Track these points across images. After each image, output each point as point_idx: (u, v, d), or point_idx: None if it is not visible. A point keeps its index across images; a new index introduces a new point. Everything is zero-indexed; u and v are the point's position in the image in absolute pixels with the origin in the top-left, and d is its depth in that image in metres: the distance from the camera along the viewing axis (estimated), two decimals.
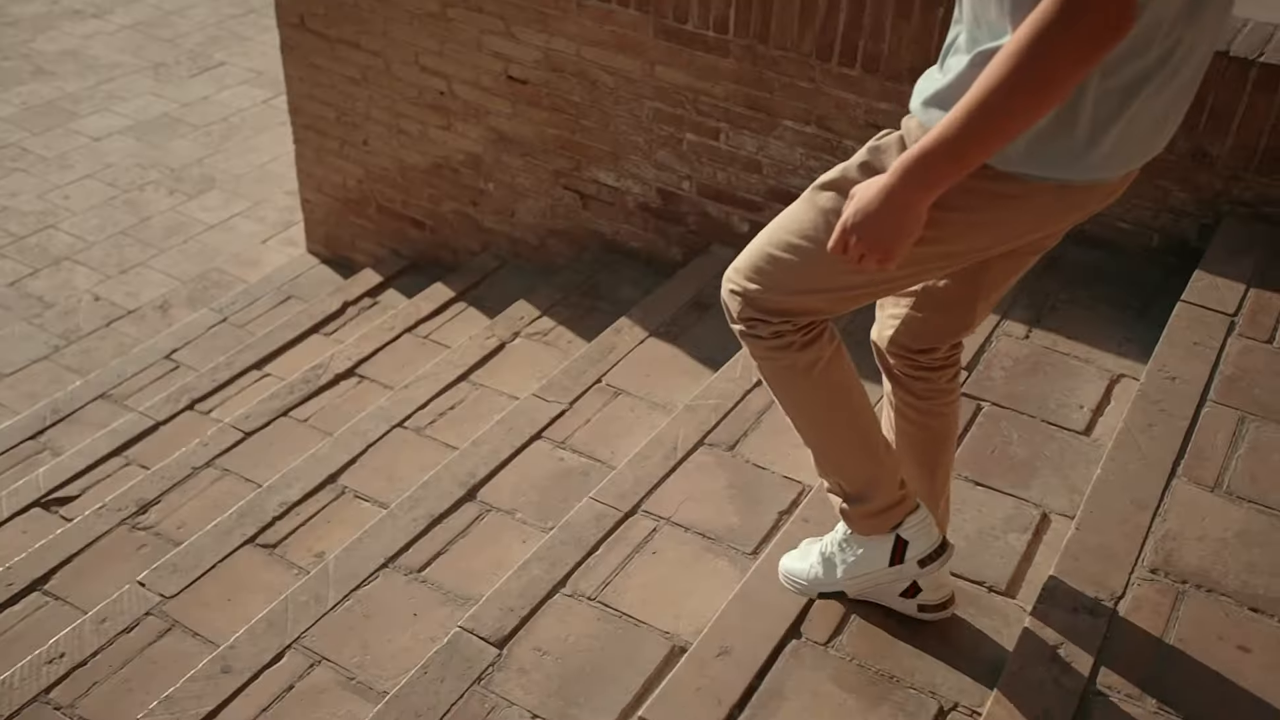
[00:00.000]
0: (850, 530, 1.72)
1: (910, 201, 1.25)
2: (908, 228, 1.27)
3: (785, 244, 1.46)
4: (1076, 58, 1.11)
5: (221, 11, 6.43)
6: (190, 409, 3.38)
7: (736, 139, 3.18)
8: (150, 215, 4.69)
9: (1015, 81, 1.13)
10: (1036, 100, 1.14)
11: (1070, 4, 1.09)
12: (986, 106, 1.15)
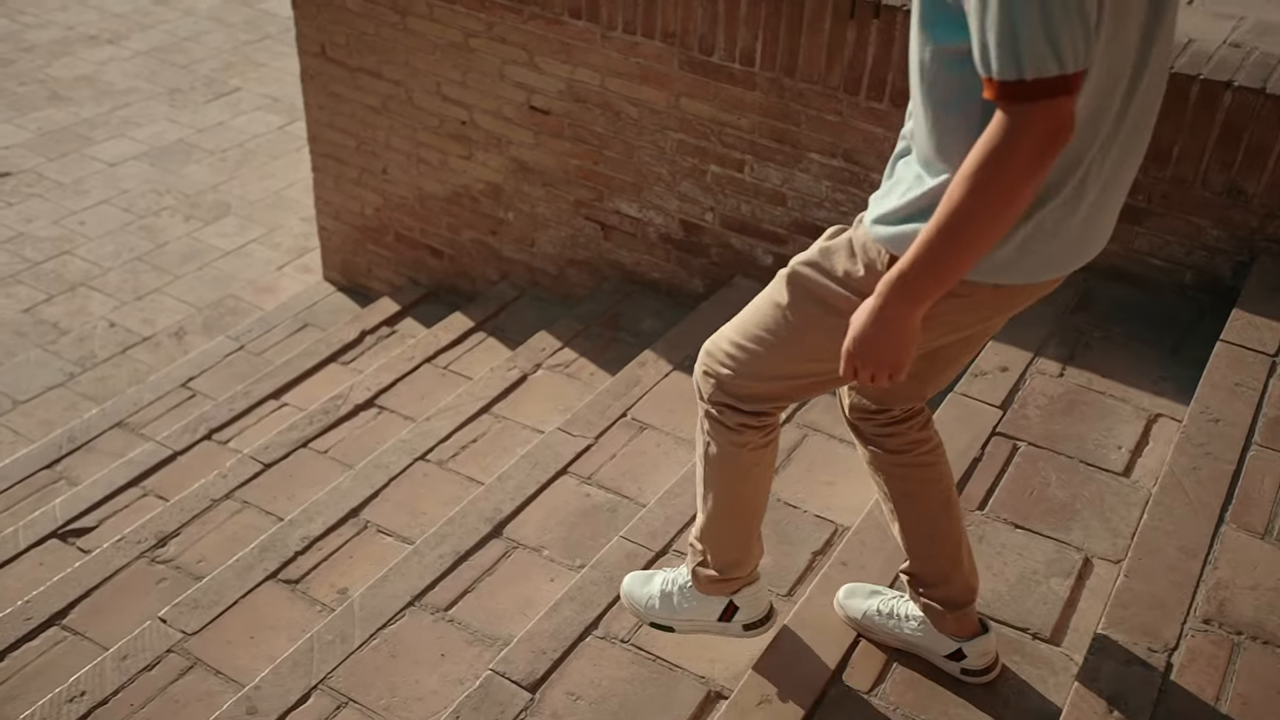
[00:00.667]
0: (692, 583, 1.84)
1: (901, 318, 1.32)
2: (905, 342, 1.34)
3: (752, 335, 1.55)
4: (1025, 172, 1.18)
5: (236, 37, 6.45)
6: (208, 439, 3.36)
7: (761, 171, 3.17)
8: (166, 241, 4.68)
9: (974, 203, 1.20)
10: (996, 217, 1.21)
11: (1013, 124, 1.16)
12: (953, 229, 1.23)
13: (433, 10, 3.48)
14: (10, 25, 6.33)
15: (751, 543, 1.78)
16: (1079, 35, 1.14)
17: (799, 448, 2.51)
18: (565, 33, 3.27)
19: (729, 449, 1.65)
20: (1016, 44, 1.13)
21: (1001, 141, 1.17)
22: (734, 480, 1.69)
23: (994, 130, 1.18)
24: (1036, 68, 1.14)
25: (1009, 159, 1.17)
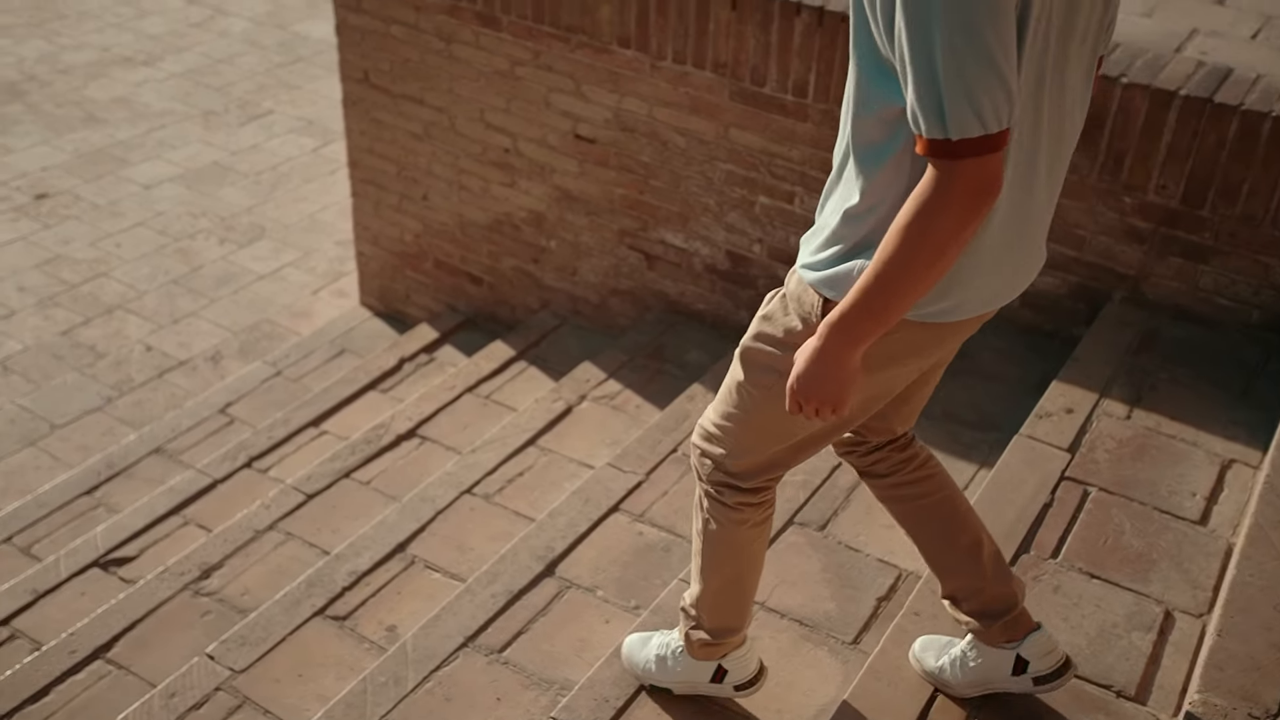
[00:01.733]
0: (684, 648, 1.90)
1: (841, 357, 1.38)
2: (846, 380, 1.40)
3: (729, 415, 1.64)
4: (956, 225, 1.24)
5: (270, 60, 6.47)
6: (248, 467, 3.33)
7: (811, 203, 3.13)
8: (201, 264, 4.67)
9: (908, 253, 1.27)
10: (929, 266, 1.27)
11: (943, 180, 1.22)
12: (889, 277, 1.29)
13: (478, 38, 3.47)
14: (47, 47, 6.36)
15: (745, 610, 1.84)
16: (999, 98, 1.20)
17: (856, 489, 2.46)
18: (613, 62, 3.25)
19: (728, 526, 1.72)
20: (941, 106, 1.19)
21: (932, 196, 1.23)
22: (732, 554, 1.75)
23: (925, 185, 1.24)
24: (960, 128, 1.20)
25: (940, 213, 1.23)
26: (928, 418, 2.67)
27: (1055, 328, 2.93)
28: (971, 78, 1.17)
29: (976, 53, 1.17)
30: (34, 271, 4.53)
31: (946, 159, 1.21)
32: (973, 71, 1.17)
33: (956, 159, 1.21)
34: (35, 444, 3.70)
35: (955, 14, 1.15)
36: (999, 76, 1.18)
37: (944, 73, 1.17)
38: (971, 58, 1.17)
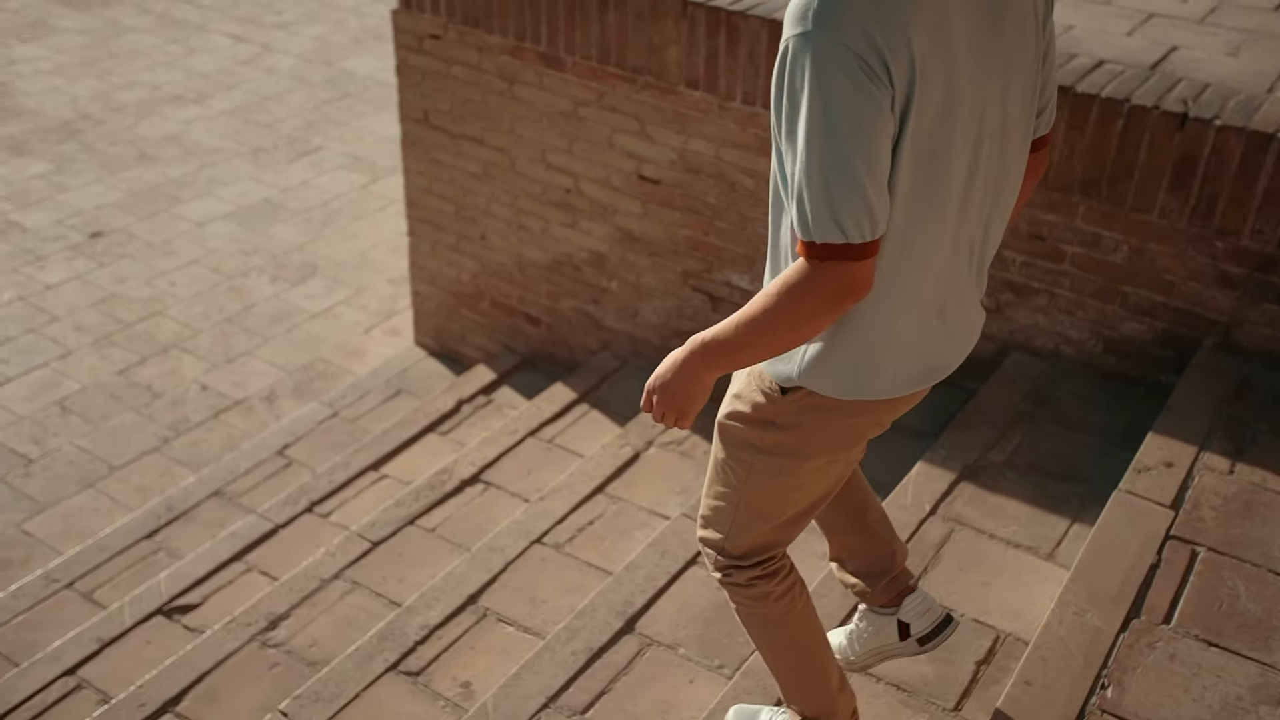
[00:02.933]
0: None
1: (698, 376, 1.47)
2: (695, 395, 1.49)
3: (720, 495, 1.68)
4: (811, 314, 1.34)
5: (317, 96, 6.51)
6: (309, 511, 3.29)
7: None
8: (254, 303, 4.67)
9: (766, 323, 1.37)
10: (784, 336, 1.37)
11: (808, 274, 1.32)
12: (748, 332, 1.39)
13: (542, 79, 3.45)
14: (100, 85, 6.43)
15: (830, 686, 1.81)
16: (861, 214, 1.28)
17: (946, 544, 2.38)
18: (680, 103, 3.21)
19: (754, 606, 1.73)
20: (806, 212, 1.29)
21: (797, 283, 1.33)
22: (776, 632, 1.76)
23: (795, 271, 1.34)
24: (823, 234, 1.29)
25: (799, 301, 1.33)
26: (1013, 469, 2.60)
27: (1140, 374, 2.85)
28: (836, 196, 1.26)
29: (842, 175, 1.25)
30: (90, 310, 4.54)
31: (813, 259, 1.31)
32: (837, 191, 1.26)
33: (821, 260, 1.31)
34: (94, 485, 3.68)
35: (824, 138, 1.24)
36: (860, 194, 1.26)
37: (811, 184, 1.27)
38: (836, 178, 1.25)
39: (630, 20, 3.19)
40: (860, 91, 1.22)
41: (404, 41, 3.70)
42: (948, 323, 1.52)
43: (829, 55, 1.22)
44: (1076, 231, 2.77)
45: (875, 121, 1.24)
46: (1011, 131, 1.42)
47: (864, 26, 1.22)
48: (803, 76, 1.24)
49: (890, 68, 1.23)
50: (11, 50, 6.78)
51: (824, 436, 1.56)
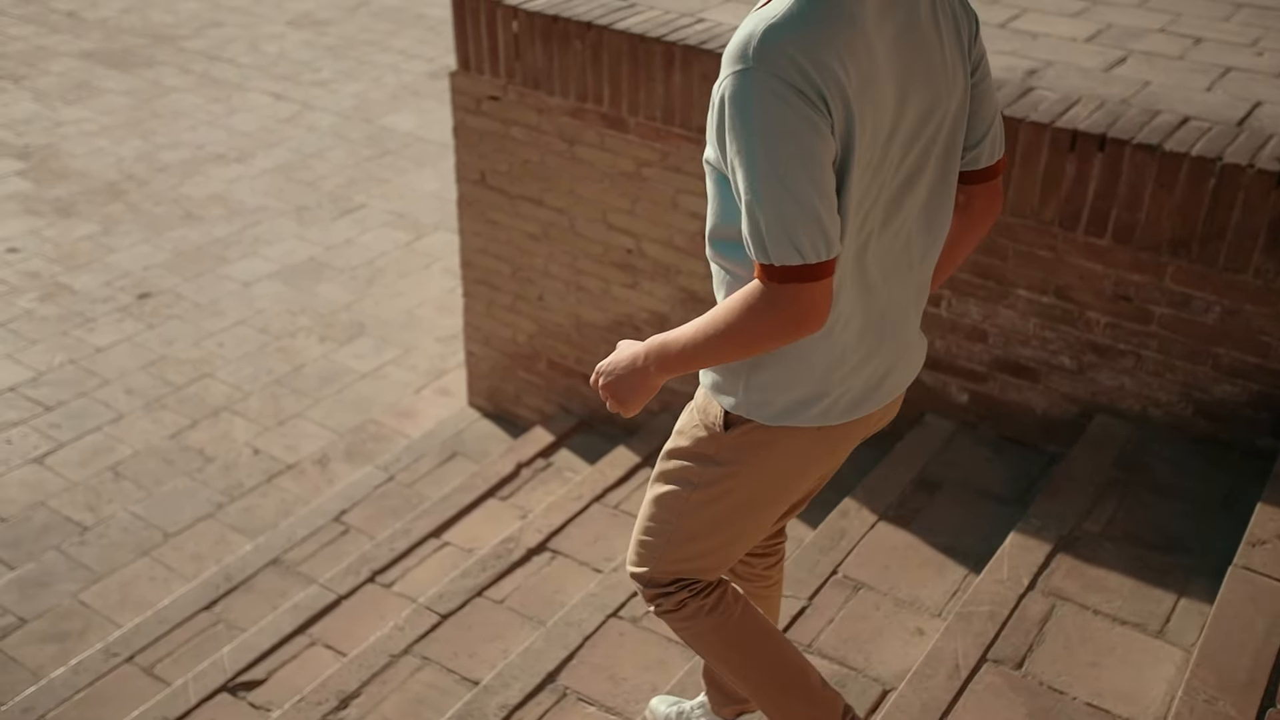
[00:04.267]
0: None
1: (648, 374, 1.55)
2: (642, 391, 1.57)
3: (647, 529, 1.73)
4: (769, 335, 1.39)
5: (358, 153, 6.53)
6: (371, 581, 3.22)
7: (960, 306, 3.01)
8: (303, 363, 4.64)
9: (723, 337, 1.42)
10: (738, 351, 1.42)
11: (767, 297, 1.36)
12: (704, 343, 1.44)
13: (603, 140, 3.43)
14: (144, 145, 6.48)
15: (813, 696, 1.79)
16: (816, 234, 1.33)
17: (1050, 621, 2.29)
18: None
19: (689, 625, 1.77)
20: (762, 237, 1.34)
21: (757, 302, 1.37)
22: (722, 647, 1.78)
23: (755, 291, 1.38)
24: (781, 257, 1.34)
25: (758, 321, 1.37)
26: (1111, 539, 2.51)
27: (1234, 438, 2.77)
28: (789, 219, 1.31)
29: (793, 198, 1.31)
30: (140, 373, 4.51)
31: (773, 282, 1.36)
32: (790, 213, 1.31)
33: (781, 283, 1.35)
34: (149, 554, 3.62)
35: (772, 166, 1.30)
36: (813, 216, 1.31)
37: (764, 213, 1.32)
38: (789, 202, 1.31)
39: (695, 81, 3.16)
40: (801, 119, 1.30)
41: (462, 103, 3.69)
42: (887, 348, 1.58)
43: (768, 89, 1.29)
44: (1165, 292, 2.71)
45: (818, 146, 1.31)
46: (941, 162, 1.48)
47: (798, 62, 1.29)
48: (746, 110, 1.31)
49: (826, 98, 1.31)
50: (58, 112, 6.85)
51: (766, 471, 1.60)
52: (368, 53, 8.05)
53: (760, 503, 1.65)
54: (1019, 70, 3.00)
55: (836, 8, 1.32)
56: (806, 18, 1.31)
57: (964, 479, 2.94)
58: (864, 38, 1.33)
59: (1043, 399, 2.99)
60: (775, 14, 1.32)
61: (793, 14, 1.31)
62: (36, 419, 4.21)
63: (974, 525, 2.76)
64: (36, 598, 3.42)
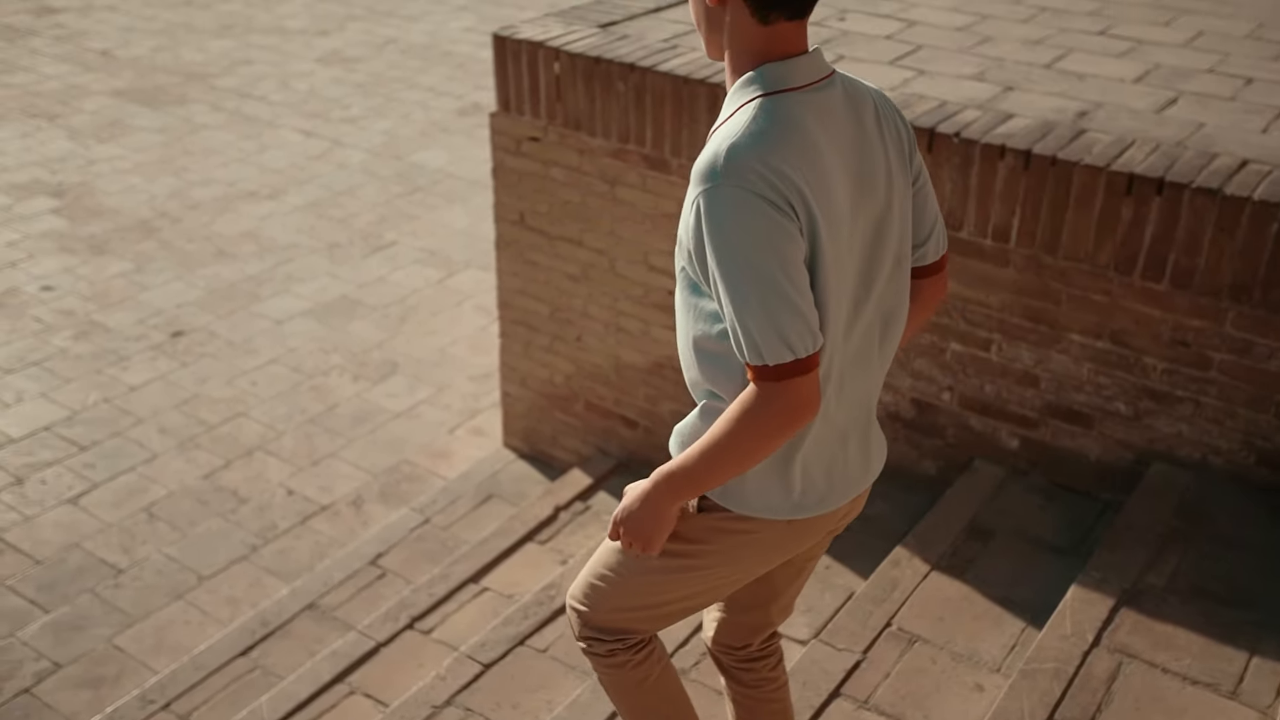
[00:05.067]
0: None
1: (662, 505, 1.59)
2: (662, 525, 1.60)
3: (601, 575, 1.78)
4: (771, 434, 1.44)
5: (388, 190, 6.55)
6: (410, 628, 3.18)
7: (1011, 351, 2.96)
8: (336, 403, 4.61)
9: (727, 448, 1.47)
10: (744, 460, 1.48)
11: (763, 397, 1.42)
12: (710, 459, 1.49)
13: (645, 181, 3.41)
14: (177, 183, 6.51)
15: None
16: (802, 329, 1.40)
17: (1118, 680, 2.22)
18: None
19: (611, 672, 1.84)
20: (754, 340, 1.40)
21: (756, 405, 1.43)
22: (632, 698, 1.88)
23: (749, 397, 1.44)
24: (775, 357, 1.40)
25: (762, 422, 1.43)
26: (1176, 593, 2.44)
27: None
28: (777, 319, 1.39)
29: (777, 299, 1.39)
30: (174, 412, 4.50)
31: (769, 381, 1.42)
32: (777, 314, 1.39)
33: (777, 380, 1.41)
34: (183, 597, 3.59)
35: (754, 272, 1.38)
36: (798, 313, 1.39)
37: (753, 315, 1.39)
38: (773, 304, 1.39)
39: None
40: (773, 225, 1.38)
41: (501, 144, 3.69)
42: (852, 441, 1.64)
43: (739, 201, 1.38)
44: (1225, 338, 2.65)
45: (791, 248, 1.40)
46: (895, 264, 1.57)
47: (762, 173, 1.39)
48: (722, 224, 1.39)
49: (792, 203, 1.40)
50: (91, 150, 6.91)
51: (730, 557, 1.67)
52: (396, 90, 8.10)
53: (717, 582, 1.72)
54: (1069, 112, 2.97)
55: (791, 122, 1.43)
56: (765, 133, 1.41)
57: (1017, 527, 2.87)
58: (816, 148, 1.43)
59: (1097, 445, 2.93)
60: (737, 132, 1.42)
61: (753, 131, 1.41)
62: (71, 459, 4.20)
63: (1029, 575, 2.69)
64: (71, 642, 3.39)
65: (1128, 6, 3.94)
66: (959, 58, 3.40)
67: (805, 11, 1.45)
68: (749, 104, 1.44)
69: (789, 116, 1.43)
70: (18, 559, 3.71)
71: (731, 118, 1.45)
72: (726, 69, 1.51)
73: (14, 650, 3.34)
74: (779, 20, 1.44)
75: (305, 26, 9.50)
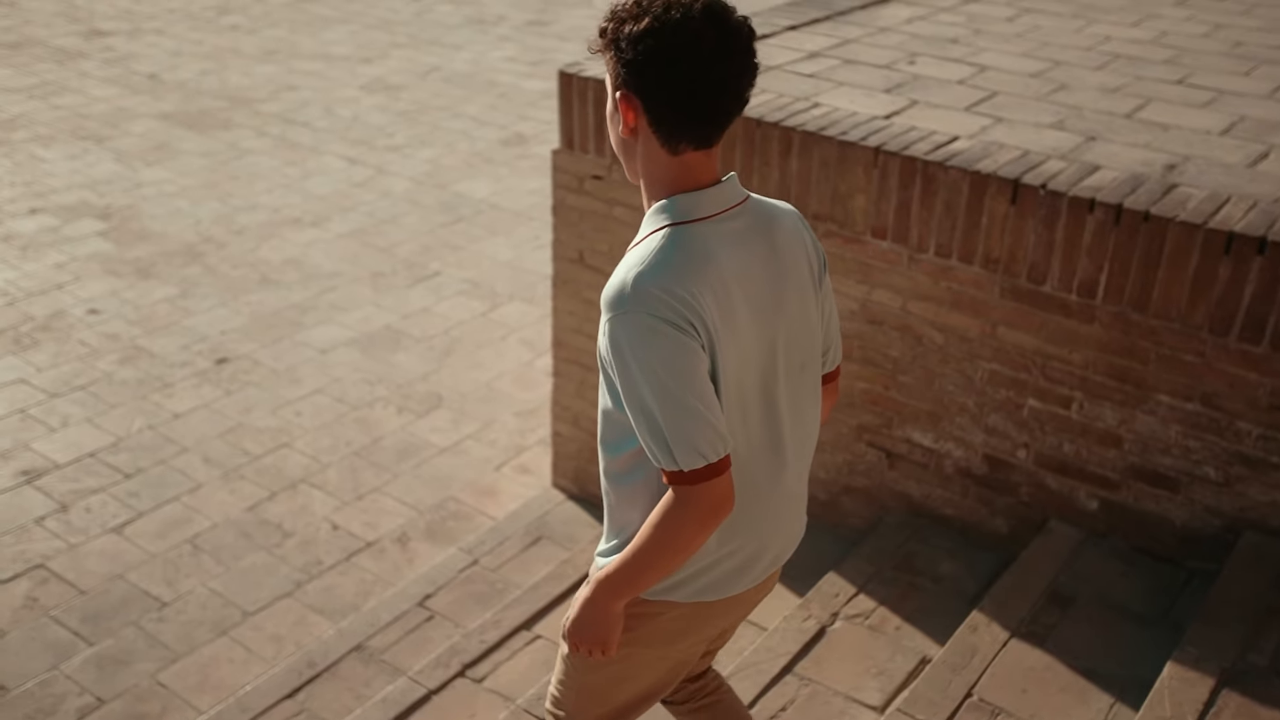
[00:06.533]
0: None
1: (608, 608, 1.70)
2: (610, 626, 1.72)
3: (560, 681, 1.92)
4: (693, 534, 1.57)
5: (432, 220, 6.52)
6: (462, 675, 3.09)
7: (1093, 409, 2.87)
8: (381, 435, 4.55)
9: (654, 549, 1.60)
10: (672, 559, 1.61)
11: (681, 501, 1.54)
12: (640, 560, 1.61)
13: None
14: (222, 208, 6.51)
15: None
16: (710, 436, 1.52)
17: None
18: (864, 252, 3.08)
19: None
20: (669, 449, 1.52)
21: (675, 510, 1.56)
22: None
23: (669, 501, 1.56)
24: (689, 462, 1.52)
25: (684, 524, 1.56)
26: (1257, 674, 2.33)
27: None
28: (687, 429, 1.51)
29: (687, 414, 1.51)
30: (218, 441, 4.45)
31: (684, 485, 1.54)
32: (686, 425, 1.51)
33: (692, 484, 1.53)
34: (227, 633, 3.51)
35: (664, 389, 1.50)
36: (704, 422, 1.51)
37: (666, 429, 1.51)
38: (684, 419, 1.50)
39: (815, 167, 3.07)
40: (677, 345, 1.50)
41: (563, 181, 3.63)
42: (762, 532, 1.73)
43: (645, 326, 1.50)
44: None
45: (694, 363, 1.51)
46: (801, 371, 1.70)
47: (664, 300, 1.50)
48: (632, 348, 1.51)
49: (693, 323, 1.52)
50: (138, 173, 6.93)
51: (647, 638, 1.78)
52: (440, 118, 8.11)
53: (648, 665, 1.83)
54: (1157, 165, 2.89)
55: (695, 250, 1.54)
56: (670, 261, 1.52)
57: (1098, 593, 2.77)
58: (719, 272, 1.55)
59: (1183, 511, 2.82)
60: (643, 260, 1.53)
61: (658, 259, 1.52)
62: (115, 486, 4.15)
63: (1114, 647, 2.58)
64: (115, 677, 3.32)
65: (1203, 55, 3.86)
66: (1036, 105, 3.33)
67: (711, 142, 1.56)
68: (657, 232, 1.56)
69: (694, 245, 1.54)
70: (62, 589, 3.65)
71: (641, 244, 1.57)
72: (643, 194, 1.63)
73: (57, 683, 3.28)
74: (687, 150, 1.55)
75: (349, 53, 9.54)
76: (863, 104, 3.28)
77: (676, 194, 1.57)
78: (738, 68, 1.51)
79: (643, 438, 1.54)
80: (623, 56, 1.51)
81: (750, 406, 1.63)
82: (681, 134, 1.53)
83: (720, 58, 1.48)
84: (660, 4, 1.48)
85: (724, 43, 1.48)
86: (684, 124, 1.52)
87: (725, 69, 1.49)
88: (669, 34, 1.47)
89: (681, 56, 1.47)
